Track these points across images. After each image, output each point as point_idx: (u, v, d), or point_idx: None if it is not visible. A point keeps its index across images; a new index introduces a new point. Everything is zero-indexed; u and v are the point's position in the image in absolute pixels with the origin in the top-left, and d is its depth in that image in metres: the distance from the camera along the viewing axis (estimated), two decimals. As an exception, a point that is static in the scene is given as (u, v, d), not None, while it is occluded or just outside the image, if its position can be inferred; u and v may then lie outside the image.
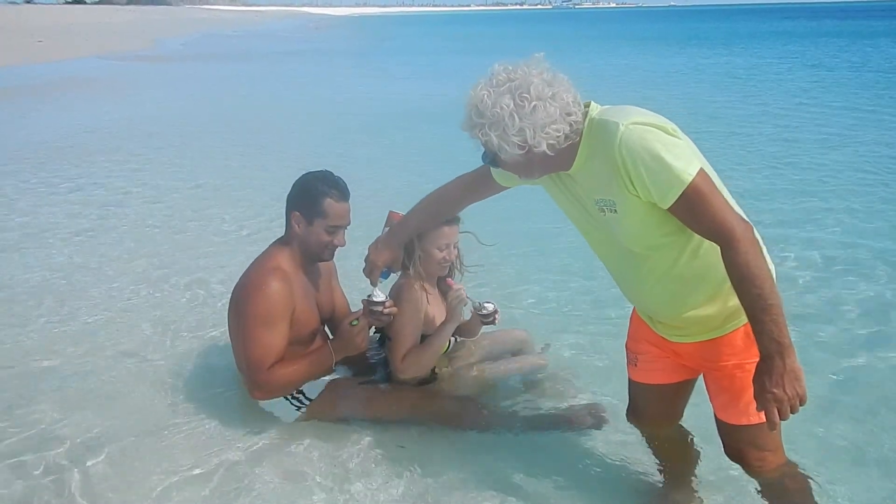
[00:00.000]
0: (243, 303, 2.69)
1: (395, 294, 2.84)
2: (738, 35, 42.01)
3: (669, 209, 1.80)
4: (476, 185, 2.40)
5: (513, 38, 40.70)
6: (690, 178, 1.74)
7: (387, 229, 2.72)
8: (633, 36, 44.24)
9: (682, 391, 2.35)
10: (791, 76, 17.37)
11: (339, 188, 2.73)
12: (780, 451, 2.14)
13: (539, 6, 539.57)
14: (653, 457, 2.56)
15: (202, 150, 8.91)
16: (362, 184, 4.84)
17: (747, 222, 1.81)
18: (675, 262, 1.94)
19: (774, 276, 1.83)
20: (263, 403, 2.83)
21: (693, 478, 2.49)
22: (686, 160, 1.76)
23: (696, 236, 1.89)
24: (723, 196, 1.82)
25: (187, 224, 5.73)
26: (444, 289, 3.00)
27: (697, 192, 1.75)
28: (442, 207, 2.57)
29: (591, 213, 2.00)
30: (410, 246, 2.83)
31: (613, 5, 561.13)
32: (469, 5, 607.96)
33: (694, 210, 1.78)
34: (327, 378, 2.86)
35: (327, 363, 2.75)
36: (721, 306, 1.98)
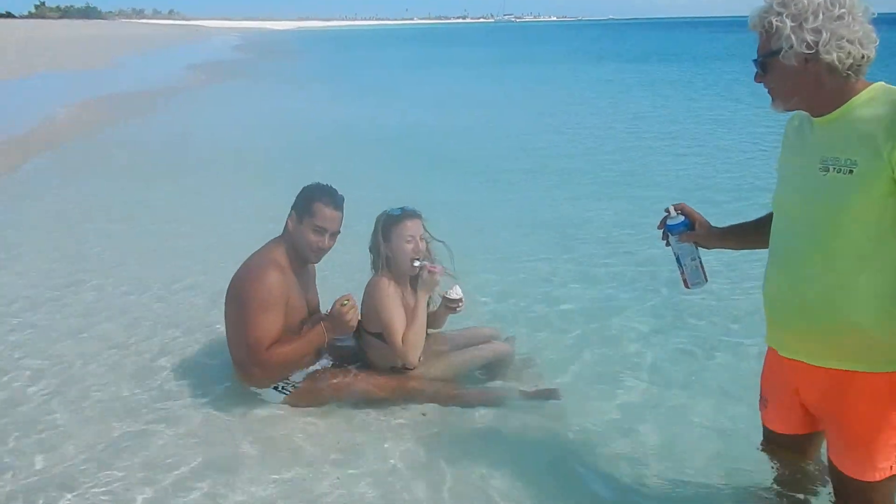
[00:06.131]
0: (244, 290, 2.96)
1: (371, 293, 3.12)
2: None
3: None
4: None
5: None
6: None
7: None
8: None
9: (811, 440, 2.18)
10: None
11: (331, 196, 3.06)
12: None
13: (482, 19, 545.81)
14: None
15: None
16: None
17: None
18: (870, 251, 1.76)
19: None
20: (252, 393, 3.09)
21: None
22: None
23: None
24: None
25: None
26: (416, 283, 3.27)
27: None
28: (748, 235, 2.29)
29: (808, 171, 1.84)
30: (377, 247, 3.13)
31: (554, 18, 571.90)
32: (412, 18, 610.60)
33: None
34: (310, 369, 3.13)
35: (321, 341, 3.03)
36: (883, 335, 1.76)
